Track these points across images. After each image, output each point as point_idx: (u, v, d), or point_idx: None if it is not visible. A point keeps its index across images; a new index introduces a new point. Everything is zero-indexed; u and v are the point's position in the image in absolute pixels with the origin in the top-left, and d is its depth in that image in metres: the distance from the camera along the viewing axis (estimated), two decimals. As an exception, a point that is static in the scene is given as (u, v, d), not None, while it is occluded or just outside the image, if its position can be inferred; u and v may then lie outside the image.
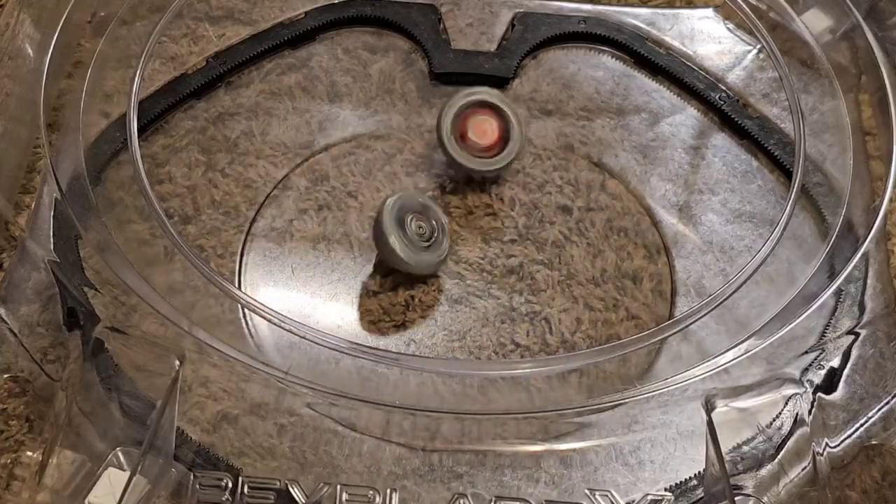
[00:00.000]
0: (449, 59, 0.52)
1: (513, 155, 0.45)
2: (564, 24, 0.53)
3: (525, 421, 0.40)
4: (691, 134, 0.51)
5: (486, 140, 0.45)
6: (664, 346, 0.42)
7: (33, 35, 0.47)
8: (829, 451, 0.38)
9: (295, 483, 0.37)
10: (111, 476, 0.35)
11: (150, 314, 0.40)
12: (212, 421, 0.40)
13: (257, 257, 0.46)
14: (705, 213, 0.48)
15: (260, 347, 0.42)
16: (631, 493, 0.38)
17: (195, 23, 0.53)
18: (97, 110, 0.48)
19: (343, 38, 0.54)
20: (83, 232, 0.41)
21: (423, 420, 0.40)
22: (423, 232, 0.43)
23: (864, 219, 0.43)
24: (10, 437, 0.39)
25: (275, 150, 0.49)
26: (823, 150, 0.47)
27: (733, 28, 0.54)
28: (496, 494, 0.38)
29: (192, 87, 0.50)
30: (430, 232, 0.43)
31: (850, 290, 0.43)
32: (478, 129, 0.44)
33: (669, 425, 0.40)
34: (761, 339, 0.39)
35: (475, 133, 0.44)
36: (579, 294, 0.45)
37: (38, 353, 0.40)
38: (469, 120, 0.45)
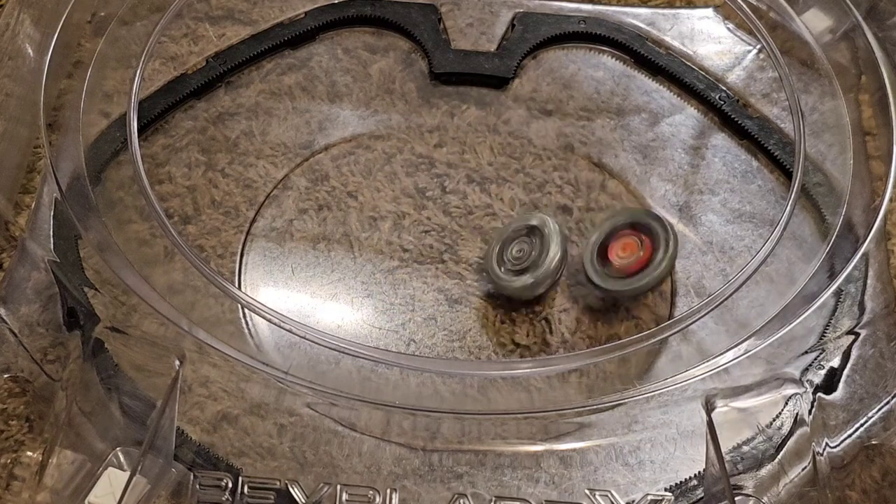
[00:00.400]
0: (449, 59, 0.52)
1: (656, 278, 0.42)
2: (564, 24, 0.53)
3: (525, 421, 0.40)
4: (691, 134, 0.51)
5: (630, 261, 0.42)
6: (664, 346, 0.42)
7: (33, 35, 0.47)
8: (829, 451, 0.38)
9: (295, 483, 0.37)
10: (111, 476, 0.35)
11: (150, 314, 0.40)
12: (212, 421, 0.40)
13: (257, 257, 0.46)
14: (705, 213, 0.48)
15: (260, 347, 0.42)
16: (631, 493, 0.38)
17: (195, 23, 0.53)
18: (97, 110, 0.48)
19: (343, 38, 0.54)
20: (83, 232, 0.41)
21: (423, 420, 0.40)
22: (521, 255, 0.43)
23: (864, 219, 0.43)
24: (10, 437, 0.39)
25: (275, 150, 0.49)
26: (823, 150, 0.47)
27: (733, 28, 0.54)
28: (496, 494, 0.38)
29: (192, 87, 0.50)
30: (528, 254, 0.43)
31: (850, 290, 0.43)
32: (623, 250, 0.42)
33: (669, 425, 0.40)
34: (761, 339, 0.39)
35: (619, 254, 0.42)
36: (579, 294, 0.45)
37: (38, 353, 0.40)
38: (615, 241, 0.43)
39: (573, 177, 0.49)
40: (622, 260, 0.42)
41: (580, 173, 0.49)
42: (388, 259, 0.46)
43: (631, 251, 0.42)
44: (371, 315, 0.44)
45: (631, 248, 0.42)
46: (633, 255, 0.42)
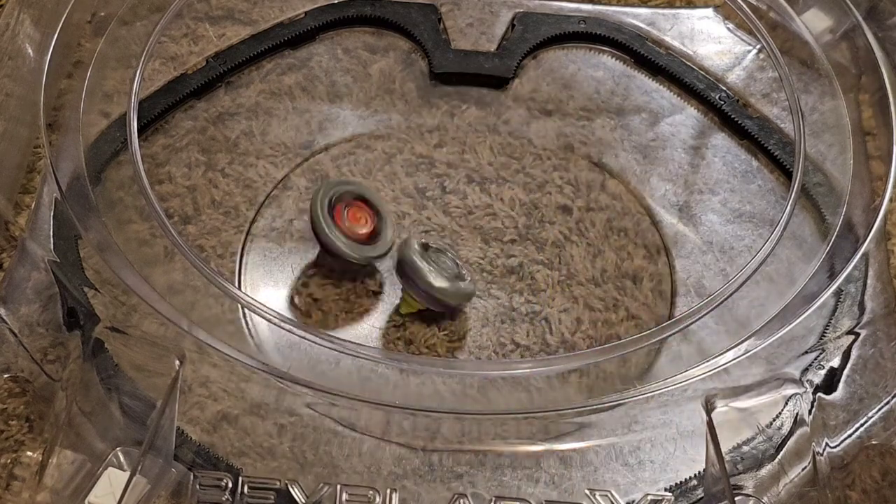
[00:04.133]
0: (449, 59, 0.52)
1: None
2: (564, 24, 0.53)
3: (525, 421, 0.40)
4: (691, 134, 0.51)
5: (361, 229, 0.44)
6: (664, 346, 0.42)
7: (33, 35, 0.47)
8: (829, 451, 0.38)
9: (295, 483, 0.37)
10: (111, 476, 0.35)
11: (150, 314, 0.40)
12: (212, 421, 0.40)
13: (257, 257, 0.46)
14: (705, 213, 0.48)
15: (260, 347, 0.42)
16: (631, 493, 0.38)
17: (195, 23, 0.53)
18: (97, 110, 0.48)
19: (343, 38, 0.54)
20: (83, 232, 0.41)
21: (423, 420, 0.40)
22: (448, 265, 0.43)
23: (864, 219, 0.43)
24: (10, 437, 0.39)
25: (275, 150, 0.49)
26: (823, 150, 0.47)
27: (733, 28, 0.54)
28: (496, 494, 0.38)
29: (192, 87, 0.50)
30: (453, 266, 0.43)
31: (850, 290, 0.43)
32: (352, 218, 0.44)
33: (669, 425, 0.40)
34: (761, 339, 0.39)
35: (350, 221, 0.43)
36: (579, 294, 0.45)
37: (38, 353, 0.40)
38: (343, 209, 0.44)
39: (573, 177, 0.49)
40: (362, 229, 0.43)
41: (580, 173, 0.49)
42: (387, 259, 0.45)
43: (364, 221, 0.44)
44: (371, 315, 0.44)
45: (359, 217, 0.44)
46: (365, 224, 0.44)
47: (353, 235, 0.43)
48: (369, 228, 0.44)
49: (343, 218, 0.43)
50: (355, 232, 0.43)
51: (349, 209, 0.43)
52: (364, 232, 0.43)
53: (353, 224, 0.43)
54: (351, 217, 0.43)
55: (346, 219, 0.43)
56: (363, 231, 0.43)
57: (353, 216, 0.43)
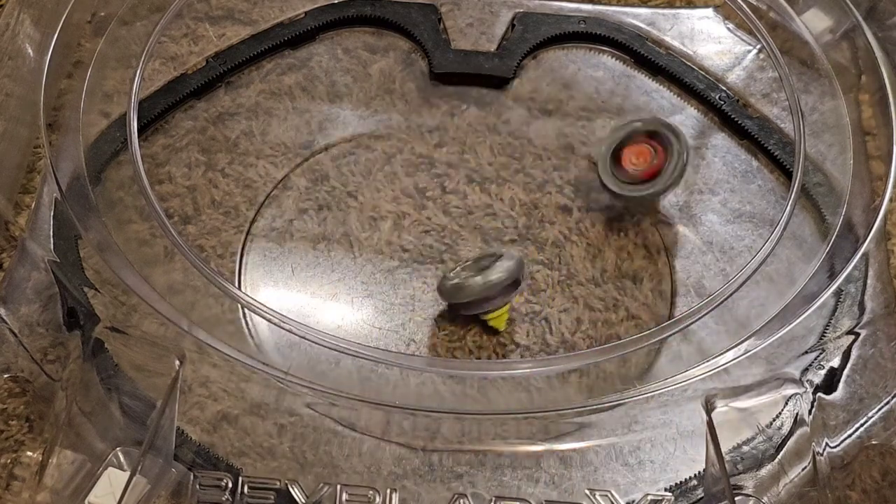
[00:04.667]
0: (449, 59, 0.52)
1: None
2: (564, 24, 0.53)
3: (525, 421, 0.40)
4: (691, 134, 0.51)
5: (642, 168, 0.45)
6: (664, 346, 0.42)
7: (33, 35, 0.47)
8: (829, 451, 0.38)
9: (295, 483, 0.37)
10: (111, 476, 0.35)
11: (150, 314, 0.40)
12: (212, 421, 0.40)
13: (257, 257, 0.46)
14: (705, 213, 0.48)
15: (260, 347, 0.42)
16: (631, 493, 0.38)
17: (195, 23, 0.53)
18: (97, 110, 0.48)
19: (343, 38, 0.54)
20: (83, 232, 0.41)
21: (423, 420, 0.40)
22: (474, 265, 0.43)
23: (864, 219, 0.43)
24: (10, 437, 0.39)
25: (275, 150, 0.49)
26: (823, 150, 0.47)
27: (733, 28, 0.54)
28: (496, 494, 0.38)
29: (192, 87, 0.50)
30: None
31: (850, 290, 0.43)
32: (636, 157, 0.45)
33: (669, 425, 0.40)
34: (761, 339, 0.39)
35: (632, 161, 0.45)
36: (579, 294, 0.45)
37: (38, 353, 0.40)
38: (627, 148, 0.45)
39: (573, 177, 0.49)
40: (636, 166, 0.44)
41: (580, 173, 0.49)
42: (388, 259, 0.46)
43: (644, 158, 0.44)
44: (371, 315, 0.44)
45: (644, 155, 0.44)
46: (646, 163, 0.44)
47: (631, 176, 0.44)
48: (648, 166, 0.44)
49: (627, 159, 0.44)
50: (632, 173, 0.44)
51: (633, 148, 0.44)
52: (641, 171, 0.44)
53: (635, 164, 0.44)
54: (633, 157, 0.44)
55: (631, 159, 0.44)
56: (641, 170, 0.44)
57: (637, 155, 0.44)
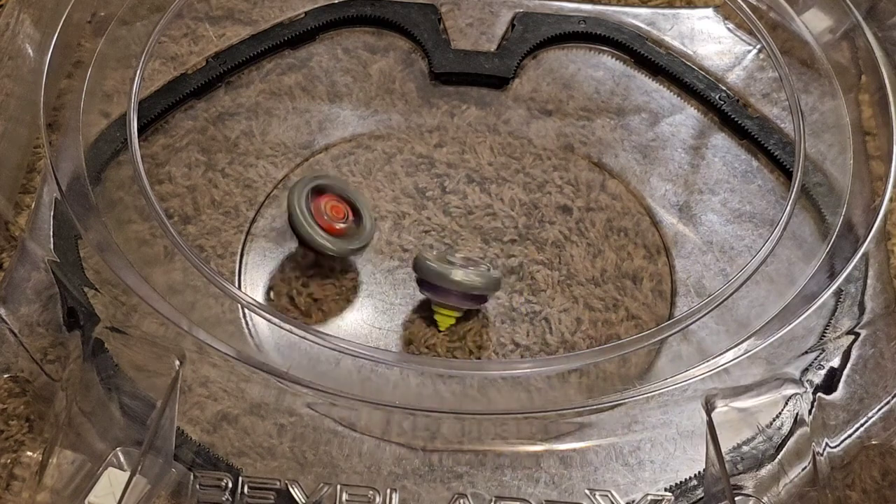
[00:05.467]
0: (449, 59, 0.52)
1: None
2: (564, 24, 0.53)
3: (525, 421, 0.40)
4: (691, 134, 0.51)
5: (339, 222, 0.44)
6: (664, 346, 0.42)
7: (33, 35, 0.47)
8: (829, 451, 0.38)
9: (295, 483, 0.37)
10: (111, 476, 0.35)
11: (150, 314, 0.40)
12: (212, 421, 0.40)
13: (257, 257, 0.46)
14: (705, 213, 0.48)
15: (260, 347, 0.42)
16: (631, 493, 0.38)
17: (195, 23, 0.53)
18: (97, 110, 0.48)
19: (343, 38, 0.54)
20: (83, 232, 0.41)
21: (423, 420, 0.40)
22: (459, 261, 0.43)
23: (864, 219, 0.43)
24: (10, 437, 0.39)
25: (275, 150, 0.49)
26: (823, 150, 0.47)
27: (733, 28, 0.54)
28: (496, 494, 0.38)
29: (192, 87, 0.50)
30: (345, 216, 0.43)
31: (850, 290, 0.43)
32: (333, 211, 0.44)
33: (669, 425, 0.40)
34: (761, 339, 0.39)
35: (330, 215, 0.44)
36: (579, 294, 0.45)
37: (38, 353, 0.40)
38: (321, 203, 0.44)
39: (573, 177, 0.49)
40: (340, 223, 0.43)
41: (580, 173, 0.49)
42: (388, 259, 0.46)
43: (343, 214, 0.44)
44: (371, 315, 0.44)
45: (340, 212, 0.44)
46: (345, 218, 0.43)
47: (331, 229, 0.43)
48: (347, 222, 0.44)
49: (322, 212, 0.43)
50: (333, 226, 0.43)
51: (328, 203, 0.43)
52: (342, 226, 0.43)
53: (333, 218, 0.43)
54: (331, 211, 0.43)
55: (326, 213, 0.43)
56: (341, 225, 0.43)
57: (333, 210, 0.43)
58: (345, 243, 0.43)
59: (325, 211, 0.43)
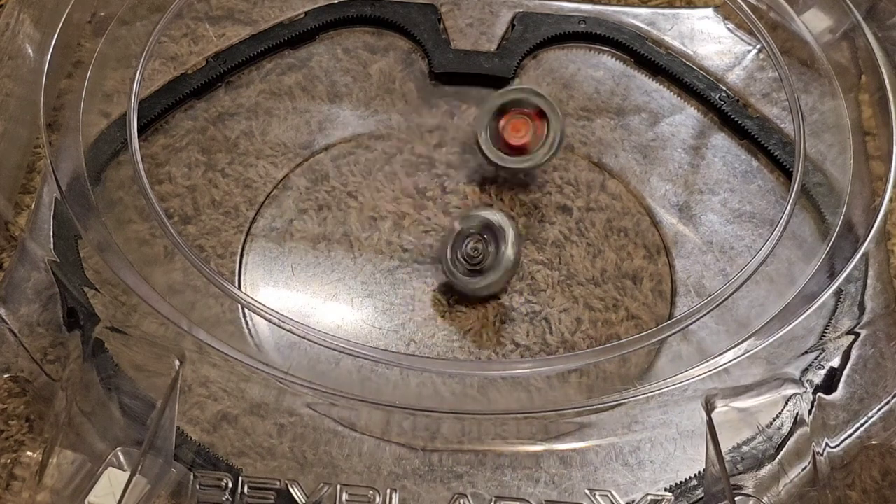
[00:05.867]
0: (449, 59, 0.52)
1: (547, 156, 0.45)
2: (564, 24, 0.53)
3: (525, 421, 0.40)
4: (691, 134, 0.51)
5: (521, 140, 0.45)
6: (664, 346, 0.42)
7: (33, 35, 0.47)
8: (829, 451, 0.38)
9: (295, 483, 0.37)
10: (111, 476, 0.35)
11: (150, 314, 0.40)
12: (212, 421, 0.40)
13: (257, 257, 0.46)
14: (705, 213, 0.48)
15: (260, 347, 0.42)
16: (631, 493, 0.38)
17: (195, 23, 0.53)
18: (97, 110, 0.48)
19: (343, 38, 0.54)
20: (83, 232, 0.41)
21: (423, 420, 0.40)
22: (476, 254, 0.43)
23: (864, 219, 0.43)
24: (10, 437, 0.39)
25: (275, 150, 0.49)
26: (823, 150, 0.47)
27: (733, 28, 0.54)
28: (496, 494, 0.38)
29: (192, 87, 0.50)
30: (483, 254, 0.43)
31: (850, 290, 0.43)
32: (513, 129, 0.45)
33: (669, 425, 0.40)
34: (761, 339, 0.39)
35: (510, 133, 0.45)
36: (579, 294, 0.45)
37: (38, 353, 0.40)
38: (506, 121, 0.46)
39: (573, 177, 0.49)
40: (520, 138, 0.45)
41: (580, 173, 0.49)
42: (388, 259, 0.46)
43: (524, 129, 0.45)
44: (371, 315, 0.44)
45: (523, 126, 0.45)
46: (526, 132, 0.45)
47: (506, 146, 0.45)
48: (526, 139, 0.45)
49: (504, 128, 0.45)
50: (509, 142, 0.45)
51: (513, 119, 0.45)
52: (519, 143, 0.45)
53: (513, 133, 0.44)
54: (512, 127, 0.45)
55: (508, 128, 0.45)
56: (519, 141, 0.45)
57: (514, 126, 0.45)
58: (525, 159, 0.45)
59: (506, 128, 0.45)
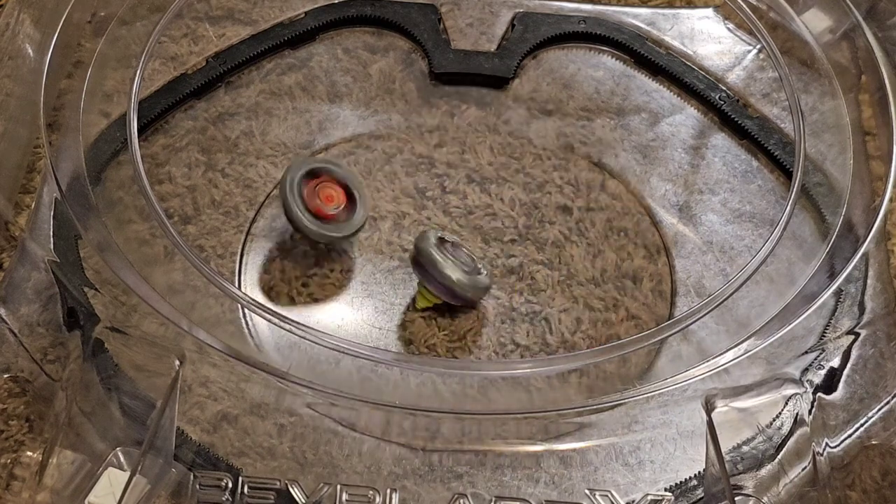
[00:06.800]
0: (449, 59, 0.52)
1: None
2: (564, 24, 0.53)
3: (525, 421, 0.40)
4: (691, 134, 0.51)
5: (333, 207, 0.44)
6: (664, 346, 0.42)
7: (33, 35, 0.47)
8: (829, 451, 0.38)
9: (295, 483, 0.37)
10: (111, 476, 0.35)
11: (150, 314, 0.40)
12: (212, 421, 0.40)
13: (257, 257, 0.46)
14: (705, 213, 0.48)
15: (260, 347, 0.42)
16: (631, 493, 0.38)
17: (195, 23, 0.53)
18: (97, 110, 0.48)
19: (343, 38, 0.54)
20: (83, 232, 0.41)
21: (423, 420, 0.40)
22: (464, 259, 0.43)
23: (864, 219, 0.43)
24: (10, 437, 0.39)
25: (275, 150, 0.49)
26: (823, 150, 0.47)
27: (733, 28, 0.54)
28: (496, 494, 0.38)
29: (192, 87, 0.50)
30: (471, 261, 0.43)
31: (850, 290, 0.43)
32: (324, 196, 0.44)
33: (669, 425, 0.40)
34: (761, 339, 0.39)
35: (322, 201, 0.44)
36: (579, 294, 0.45)
37: (38, 353, 0.40)
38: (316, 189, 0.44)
39: (573, 177, 0.49)
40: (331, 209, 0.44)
41: (580, 173, 0.49)
42: (388, 259, 0.46)
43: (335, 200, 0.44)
44: (371, 315, 0.44)
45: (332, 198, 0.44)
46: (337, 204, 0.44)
47: (320, 214, 0.43)
48: (338, 208, 0.44)
49: (314, 196, 0.43)
50: (323, 210, 0.43)
51: (321, 188, 0.43)
52: (332, 212, 0.43)
53: (324, 203, 0.43)
54: (323, 196, 0.43)
55: (317, 197, 0.43)
56: (331, 211, 0.43)
57: (325, 195, 0.43)
58: (330, 229, 0.43)
59: (317, 194, 0.43)
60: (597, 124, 0.51)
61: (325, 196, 0.43)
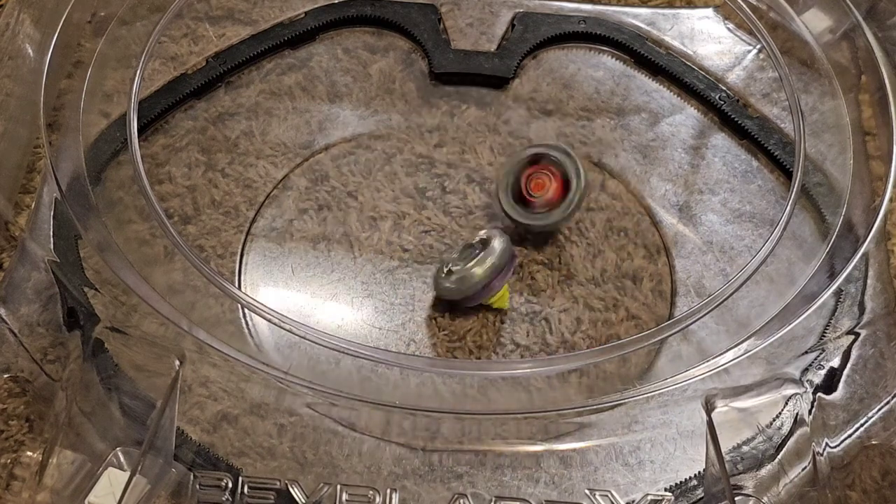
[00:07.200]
0: (449, 59, 0.52)
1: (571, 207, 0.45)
2: (564, 24, 0.53)
3: (525, 421, 0.40)
4: (691, 134, 0.51)
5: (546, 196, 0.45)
6: (664, 346, 0.42)
7: (33, 35, 0.47)
8: (829, 451, 0.38)
9: (295, 483, 0.37)
10: (111, 476, 0.35)
11: (150, 314, 0.40)
12: (212, 421, 0.40)
13: (257, 257, 0.46)
14: (705, 213, 0.48)
15: (260, 347, 0.42)
16: (631, 493, 0.38)
17: (195, 23, 0.53)
18: (97, 110, 0.48)
19: (343, 38, 0.54)
20: (83, 232, 0.41)
21: (423, 420, 0.40)
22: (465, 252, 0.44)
23: (864, 219, 0.43)
24: (10, 437, 0.39)
25: (275, 150, 0.49)
26: (823, 150, 0.47)
27: (733, 28, 0.54)
28: (496, 494, 0.38)
29: (192, 87, 0.50)
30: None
31: (850, 290, 0.43)
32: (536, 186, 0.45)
33: (669, 425, 0.40)
34: (761, 339, 0.39)
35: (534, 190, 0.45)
36: (579, 294, 0.45)
37: (38, 353, 0.40)
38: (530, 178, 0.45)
39: (573, 177, 0.49)
40: (540, 197, 0.45)
41: (580, 173, 0.49)
42: (388, 259, 0.46)
43: (544, 186, 0.45)
44: (371, 315, 0.44)
45: (542, 184, 0.45)
46: (547, 190, 0.45)
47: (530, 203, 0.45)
48: (550, 195, 0.44)
49: (527, 186, 0.45)
50: (533, 199, 0.45)
51: (534, 176, 0.45)
52: (543, 199, 0.44)
53: (536, 192, 0.45)
54: (534, 185, 0.45)
55: (530, 187, 0.45)
56: (543, 198, 0.44)
57: (536, 184, 0.45)
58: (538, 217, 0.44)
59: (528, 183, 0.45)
60: (597, 124, 0.51)
61: (535, 185, 0.45)
